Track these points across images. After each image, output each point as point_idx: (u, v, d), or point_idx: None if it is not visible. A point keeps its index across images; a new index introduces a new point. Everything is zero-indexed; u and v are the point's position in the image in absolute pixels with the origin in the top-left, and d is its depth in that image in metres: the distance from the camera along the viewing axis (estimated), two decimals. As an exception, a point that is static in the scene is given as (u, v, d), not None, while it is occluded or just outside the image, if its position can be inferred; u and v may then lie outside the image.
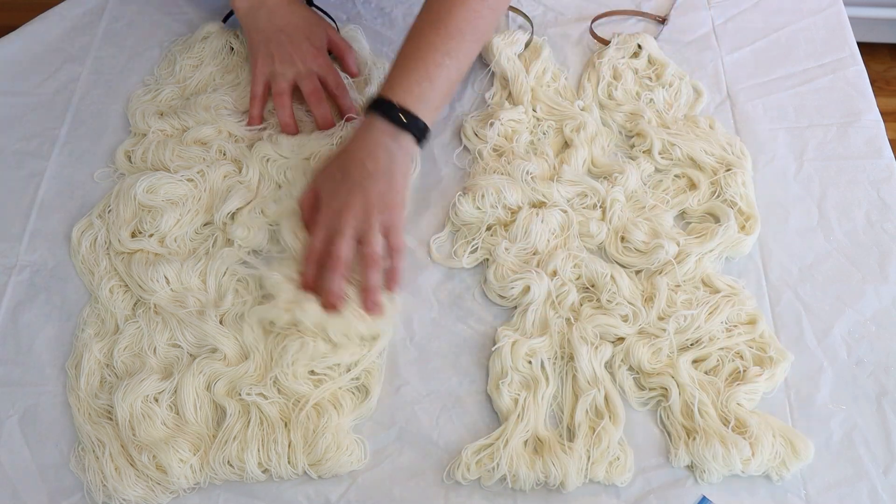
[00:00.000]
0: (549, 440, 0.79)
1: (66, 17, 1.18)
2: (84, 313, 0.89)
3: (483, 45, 1.02)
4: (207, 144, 1.00)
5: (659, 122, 1.02)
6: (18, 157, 1.03)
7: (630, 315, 0.85)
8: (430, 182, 1.00)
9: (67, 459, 0.80)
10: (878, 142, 1.01)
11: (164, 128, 1.02)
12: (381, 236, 0.85)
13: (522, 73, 1.05)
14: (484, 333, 0.88)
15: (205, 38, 1.13)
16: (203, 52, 1.12)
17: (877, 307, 0.87)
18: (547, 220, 0.92)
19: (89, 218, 0.95)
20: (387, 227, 0.85)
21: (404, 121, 0.88)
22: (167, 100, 1.07)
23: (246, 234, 0.92)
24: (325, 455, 0.77)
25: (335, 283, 0.83)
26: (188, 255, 0.91)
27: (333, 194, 0.86)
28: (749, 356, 0.83)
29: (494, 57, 1.07)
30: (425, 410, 0.83)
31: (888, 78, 2.01)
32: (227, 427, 0.80)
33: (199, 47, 1.12)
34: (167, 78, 1.10)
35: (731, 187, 0.94)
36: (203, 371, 0.83)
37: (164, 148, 0.99)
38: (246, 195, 0.94)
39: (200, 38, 1.13)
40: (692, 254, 0.89)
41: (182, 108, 1.04)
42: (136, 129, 1.03)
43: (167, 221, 0.92)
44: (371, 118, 0.89)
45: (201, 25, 1.14)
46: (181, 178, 0.95)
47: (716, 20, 1.16)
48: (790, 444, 0.77)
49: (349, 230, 0.84)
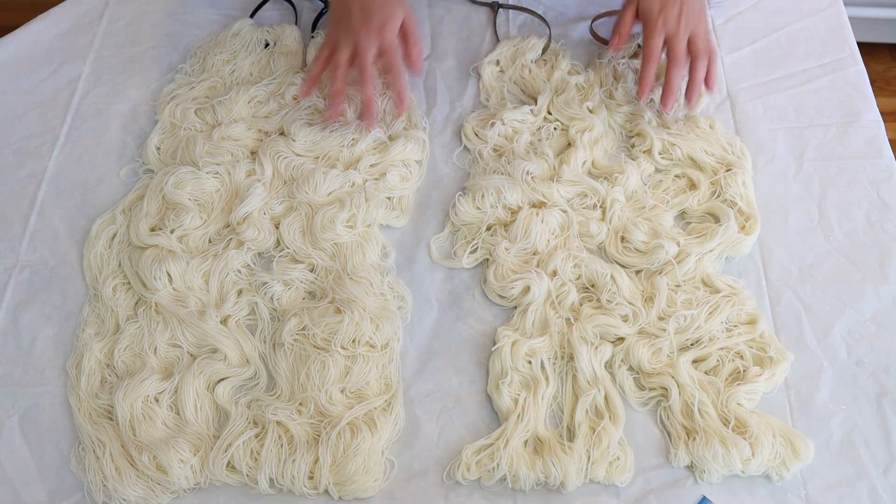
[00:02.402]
0: (549, 440, 0.79)
1: (66, 17, 1.18)
2: (84, 313, 0.89)
3: None
4: (239, 141, 1.00)
5: (659, 122, 1.02)
6: (18, 156, 1.03)
7: (630, 315, 0.85)
8: (430, 182, 1.00)
9: (67, 459, 0.80)
10: (878, 142, 1.01)
11: (196, 123, 1.02)
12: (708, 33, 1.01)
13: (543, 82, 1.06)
14: (484, 333, 0.88)
15: (235, 34, 1.13)
16: (235, 46, 1.12)
17: (877, 307, 0.88)
18: (547, 220, 0.92)
19: (112, 213, 0.95)
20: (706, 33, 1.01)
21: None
22: (202, 94, 1.07)
23: (256, 235, 0.92)
24: (353, 477, 0.76)
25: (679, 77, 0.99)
26: (199, 254, 0.91)
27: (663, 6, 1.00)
28: (749, 356, 0.83)
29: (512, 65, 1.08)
30: (425, 410, 0.83)
31: (888, 78, 2.01)
32: (229, 432, 0.79)
33: (231, 43, 1.12)
34: (199, 73, 1.09)
35: (731, 187, 0.94)
36: (203, 371, 0.83)
37: (195, 144, 0.99)
38: (263, 196, 0.94)
39: (231, 34, 1.13)
40: (692, 254, 0.89)
41: (218, 102, 1.04)
42: (166, 123, 1.03)
43: (192, 221, 0.92)
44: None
45: (229, 23, 1.14)
46: (208, 174, 0.96)
47: (716, 20, 1.16)
48: (790, 444, 0.77)
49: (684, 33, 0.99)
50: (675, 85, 0.99)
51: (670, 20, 0.99)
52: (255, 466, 0.77)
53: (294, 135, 0.99)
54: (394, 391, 0.83)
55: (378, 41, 0.98)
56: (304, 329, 0.85)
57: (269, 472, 0.77)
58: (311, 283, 0.90)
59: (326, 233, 0.91)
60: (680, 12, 0.99)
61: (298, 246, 0.91)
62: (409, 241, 0.95)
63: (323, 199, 0.94)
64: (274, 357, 0.85)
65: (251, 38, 1.13)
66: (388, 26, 0.98)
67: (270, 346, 0.86)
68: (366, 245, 0.91)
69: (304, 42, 1.14)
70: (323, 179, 0.95)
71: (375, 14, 0.97)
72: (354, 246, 0.91)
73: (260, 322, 0.88)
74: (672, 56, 0.99)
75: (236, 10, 1.18)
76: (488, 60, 1.09)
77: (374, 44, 0.98)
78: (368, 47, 0.97)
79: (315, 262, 0.91)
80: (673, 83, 0.99)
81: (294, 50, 1.11)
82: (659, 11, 1.00)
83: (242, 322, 0.88)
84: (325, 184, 0.95)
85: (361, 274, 0.89)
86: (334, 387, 0.81)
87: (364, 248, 0.91)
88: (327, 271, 0.90)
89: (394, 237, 0.95)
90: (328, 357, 0.82)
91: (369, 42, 0.97)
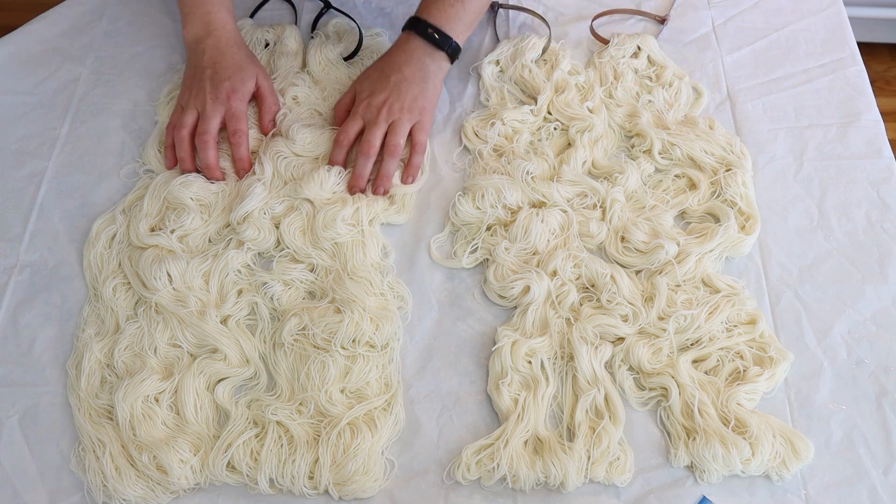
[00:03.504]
0: (549, 440, 0.79)
1: (66, 17, 1.18)
2: (84, 313, 0.89)
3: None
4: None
5: (657, 122, 1.02)
6: (18, 156, 1.03)
7: (630, 315, 0.85)
8: (430, 182, 1.00)
9: (67, 459, 0.80)
10: (878, 142, 1.01)
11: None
12: (406, 133, 0.97)
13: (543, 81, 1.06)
14: (484, 333, 0.88)
15: None
16: None
17: (877, 307, 0.88)
18: (547, 220, 0.92)
19: (112, 213, 0.95)
20: (414, 125, 0.98)
21: (437, 38, 0.99)
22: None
23: (256, 235, 0.92)
24: (353, 477, 0.77)
25: (366, 168, 0.95)
26: (199, 254, 0.91)
27: (372, 92, 0.98)
28: (749, 356, 0.83)
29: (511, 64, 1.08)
30: (425, 410, 0.83)
31: (888, 78, 2.01)
32: (229, 432, 0.80)
33: None
34: None
35: (731, 187, 0.94)
36: (203, 371, 0.83)
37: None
38: (263, 196, 0.94)
39: None
40: (692, 254, 0.89)
41: None
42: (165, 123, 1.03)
43: (194, 221, 0.92)
44: (407, 35, 1.01)
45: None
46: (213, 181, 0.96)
47: (716, 20, 1.16)
48: (790, 444, 0.77)
49: (383, 122, 0.96)
50: (357, 173, 0.95)
51: (371, 108, 0.97)
52: (255, 466, 0.77)
53: (293, 137, 0.99)
54: (394, 391, 0.83)
55: (224, 108, 0.98)
56: (304, 329, 0.85)
57: (269, 472, 0.77)
58: (311, 283, 0.90)
59: (328, 231, 0.91)
60: (384, 102, 0.97)
61: (298, 246, 0.91)
62: (410, 240, 0.95)
63: (325, 197, 0.94)
64: (274, 357, 0.85)
65: (251, 38, 1.13)
66: (238, 94, 0.98)
67: (270, 346, 0.86)
68: (366, 245, 0.91)
69: (304, 42, 1.14)
70: (327, 177, 0.95)
71: (224, 81, 0.98)
72: (354, 246, 0.91)
73: (260, 322, 0.88)
74: (360, 145, 0.96)
75: (236, 10, 1.17)
76: (488, 60, 1.09)
77: (220, 109, 0.98)
78: (213, 114, 0.97)
79: (315, 262, 0.91)
80: (356, 171, 0.95)
81: (294, 50, 1.11)
82: (366, 97, 0.98)
83: (242, 322, 0.88)
84: (329, 182, 0.95)
85: (361, 274, 0.89)
86: (334, 387, 0.81)
87: (364, 248, 0.91)
88: (327, 271, 0.90)
89: (394, 237, 0.95)
90: (328, 357, 0.82)
91: (215, 108, 0.97)
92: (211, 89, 0.98)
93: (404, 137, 0.97)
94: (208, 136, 0.96)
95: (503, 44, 1.11)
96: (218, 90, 0.98)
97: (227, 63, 1.00)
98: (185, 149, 0.97)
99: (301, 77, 1.07)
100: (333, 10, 1.17)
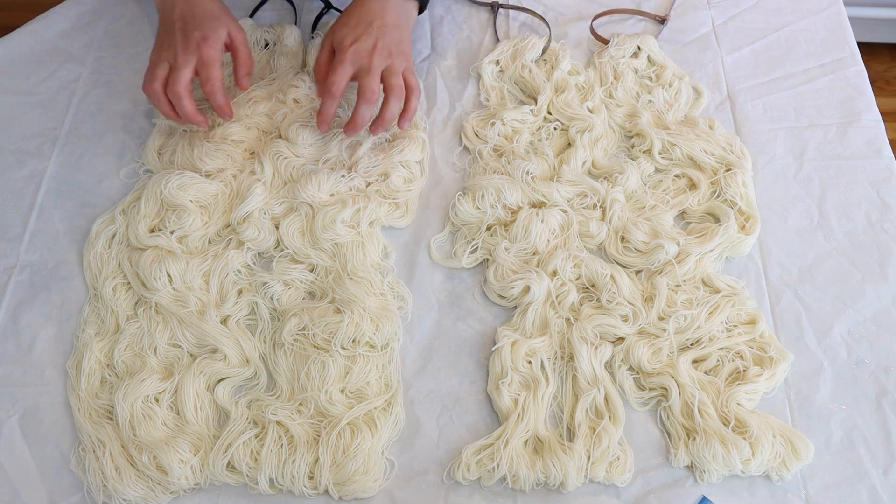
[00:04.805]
0: (549, 440, 0.79)
1: (66, 17, 1.18)
2: (84, 313, 0.89)
3: None
4: (237, 142, 1.00)
5: (657, 122, 1.02)
6: (18, 156, 1.03)
7: (630, 315, 0.86)
8: (430, 182, 1.00)
9: (67, 459, 0.80)
10: (878, 142, 1.01)
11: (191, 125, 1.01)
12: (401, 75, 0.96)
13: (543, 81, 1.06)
14: (484, 333, 0.88)
15: None
16: None
17: (877, 307, 0.88)
18: (547, 220, 0.92)
19: (112, 213, 0.95)
20: (404, 68, 0.97)
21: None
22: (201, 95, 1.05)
23: (256, 235, 0.92)
24: (353, 477, 0.77)
25: (368, 113, 0.95)
26: (199, 254, 0.91)
27: (356, 39, 0.96)
28: (749, 356, 0.83)
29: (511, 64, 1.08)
30: (425, 410, 0.83)
31: (888, 78, 2.01)
32: (229, 432, 0.80)
33: None
34: None
35: (731, 187, 0.94)
36: (204, 371, 0.83)
37: (192, 147, 0.99)
38: (263, 196, 0.94)
39: None
40: (692, 254, 0.89)
41: None
42: (164, 124, 1.03)
43: (194, 223, 0.92)
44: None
45: None
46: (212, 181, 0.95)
47: (716, 20, 1.16)
48: (790, 444, 0.77)
49: (378, 67, 0.95)
50: (359, 121, 0.95)
51: (361, 54, 0.95)
52: (255, 466, 0.77)
53: (292, 138, 0.99)
54: (394, 391, 0.83)
55: (195, 56, 0.95)
56: (304, 329, 0.85)
57: (269, 472, 0.77)
58: (311, 283, 0.90)
59: (327, 232, 0.91)
60: (374, 47, 0.95)
61: (298, 247, 0.91)
62: (410, 241, 0.95)
63: (325, 199, 0.94)
64: (274, 357, 0.85)
65: (251, 38, 1.13)
66: (209, 41, 0.95)
67: (270, 346, 0.86)
68: (366, 245, 0.91)
69: (304, 42, 1.14)
70: (326, 179, 0.95)
71: (195, 31, 0.96)
72: (354, 246, 0.91)
73: (260, 322, 0.88)
74: (361, 92, 0.94)
75: (236, 10, 1.17)
76: (488, 60, 1.10)
77: (191, 59, 0.95)
78: (183, 64, 0.94)
79: (315, 263, 0.91)
80: (358, 119, 0.95)
81: (294, 50, 1.12)
82: (350, 44, 0.95)
83: (242, 322, 0.88)
84: (328, 183, 0.95)
85: (361, 274, 0.89)
86: (334, 387, 0.81)
87: (364, 248, 0.91)
88: (327, 271, 0.90)
89: (394, 237, 0.95)
90: (328, 357, 0.82)
91: (185, 58, 0.94)
92: (182, 39, 0.95)
93: (411, 75, 0.98)
94: (179, 89, 0.93)
95: (503, 44, 1.11)
96: (188, 39, 0.95)
97: (197, 12, 0.97)
98: (163, 103, 0.94)
99: (301, 77, 1.07)
100: (333, 10, 1.17)
